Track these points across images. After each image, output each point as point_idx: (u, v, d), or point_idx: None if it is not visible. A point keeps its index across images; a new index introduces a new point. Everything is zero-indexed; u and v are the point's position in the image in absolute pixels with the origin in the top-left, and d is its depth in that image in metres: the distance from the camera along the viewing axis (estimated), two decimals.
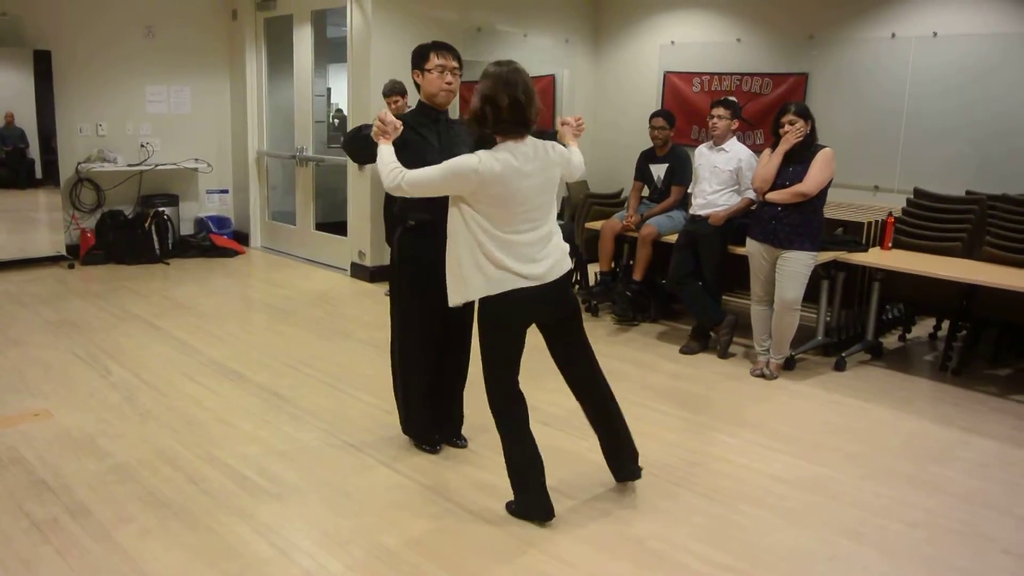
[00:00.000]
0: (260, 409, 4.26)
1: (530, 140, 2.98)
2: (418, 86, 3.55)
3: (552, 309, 3.10)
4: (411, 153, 3.22)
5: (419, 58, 3.50)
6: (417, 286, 3.54)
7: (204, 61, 8.32)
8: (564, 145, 3.23)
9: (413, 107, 6.19)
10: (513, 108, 2.89)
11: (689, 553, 3.00)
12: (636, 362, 5.22)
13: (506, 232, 2.95)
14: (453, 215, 3.01)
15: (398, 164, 3.05)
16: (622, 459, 3.41)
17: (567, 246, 3.16)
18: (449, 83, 3.47)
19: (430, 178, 2.94)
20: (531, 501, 3.14)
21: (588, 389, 3.29)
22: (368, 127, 3.30)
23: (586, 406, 3.33)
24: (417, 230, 3.52)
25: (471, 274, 2.97)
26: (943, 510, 3.40)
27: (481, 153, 2.90)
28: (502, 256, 2.93)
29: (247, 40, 8.24)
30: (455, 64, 3.48)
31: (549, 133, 3.25)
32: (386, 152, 3.12)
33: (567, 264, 3.12)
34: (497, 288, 2.95)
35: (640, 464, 3.45)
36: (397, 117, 3.36)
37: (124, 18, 7.72)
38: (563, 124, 3.29)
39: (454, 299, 3.07)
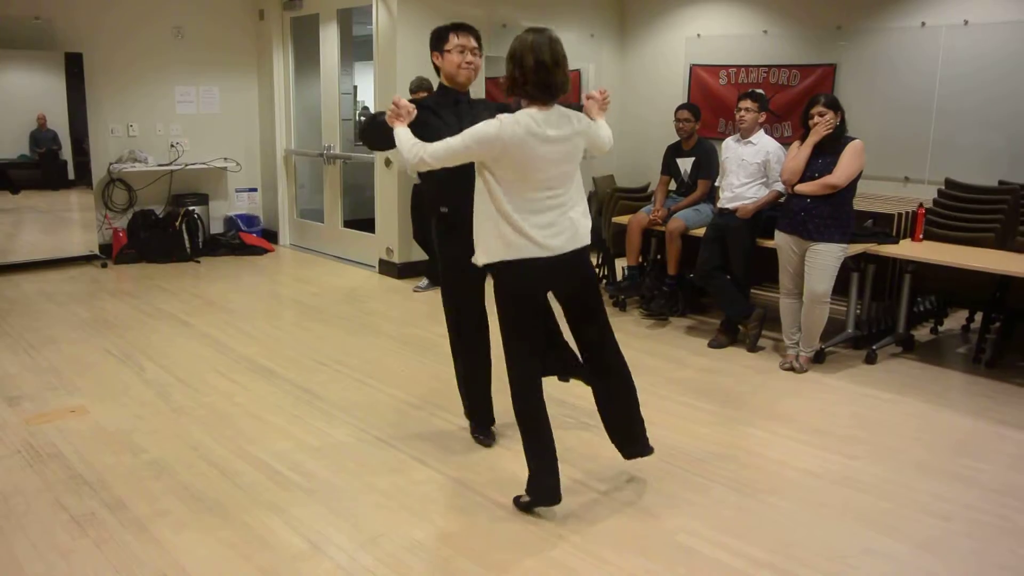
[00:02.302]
0: (291, 405, 4.31)
1: (556, 108, 2.98)
2: (437, 69, 3.52)
3: (566, 281, 3.10)
4: (430, 136, 3.18)
5: (438, 39, 3.47)
6: (459, 270, 3.55)
7: (232, 61, 8.40)
8: (591, 119, 3.22)
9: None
10: (538, 70, 2.89)
11: (719, 547, 3.00)
12: (664, 356, 5.21)
13: (526, 199, 2.95)
14: (477, 182, 3.03)
15: (417, 140, 3.05)
16: (631, 434, 3.34)
17: (589, 220, 3.15)
18: (469, 62, 3.45)
19: (452, 147, 2.94)
20: (541, 484, 3.15)
21: (600, 359, 3.24)
22: (383, 113, 3.30)
23: (596, 379, 3.28)
24: (449, 218, 3.53)
25: (490, 238, 2.99)
26: (978, 503, 3.36)
27: (502, 117, 2.91)
28: (521, 223, 2.94)
29: (274, 40, 8.31)
30: (475, 44, 3.47)
31: (574, 106, 3.24)
32: (403, 132, 3.12)
33: (586, 237, 3.11)
34: (514, 254, 2.96)
35: (651, 444, 3.39)
36: (419, 100, 3.38)
37: (153, 20, 7.81)
38: (588, 98, 3.28)
39: (478, 259, 3.08)
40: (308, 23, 8.17)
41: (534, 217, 2.96)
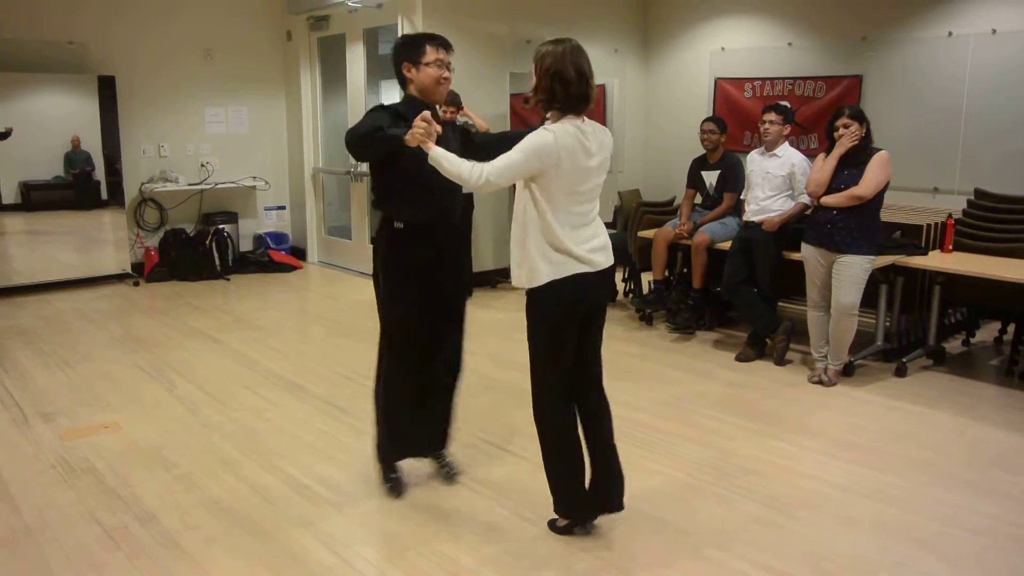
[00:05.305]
0: (319, 420, 4.34)
1: (588, 120, 2.93)
2: (405, 80, 3.31)
3: (603, 293, 3.06)
4: (414, 151, 2.97)
5: (413, 50, 3.27)
6: (407, 290, 3.33)
7: (260, 82, 8.53)
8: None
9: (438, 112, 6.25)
10: (579, 82, 2.83)
11: (747, 561, 2.98)
12: (692, 370, 5.19)
13: (571, 213, 2.88)
14: (521, 198, 2.93)
15: (473, 161, 2.90)
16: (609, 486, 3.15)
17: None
18: (447, 77, 3.29)
19: (514, 162, 2.81)
20: (576, 506, 3.13)
21: (588, 385, 3.13)
22: (389, 128, 3.08)
23: (580, 406, 3.13)
24: (408, 232, 3.30)
25: (537, 259, 2.88)
26: (1009, 517, 3.31)
27: (554, 127, 2.83)
28: (566, 239, 2.86)
29: (301, 60, 8.43)
30: (450, 59, 3.32)
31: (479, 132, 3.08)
32: (446, 153, 2.92)
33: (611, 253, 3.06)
34: (561, 272, 2.87)
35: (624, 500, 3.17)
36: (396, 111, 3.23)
37: (184, 43, 7.96)
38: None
39: (519, 282, 2.96)
40: (334, 43, 8.28)
41: (577, 232, 2.90)
